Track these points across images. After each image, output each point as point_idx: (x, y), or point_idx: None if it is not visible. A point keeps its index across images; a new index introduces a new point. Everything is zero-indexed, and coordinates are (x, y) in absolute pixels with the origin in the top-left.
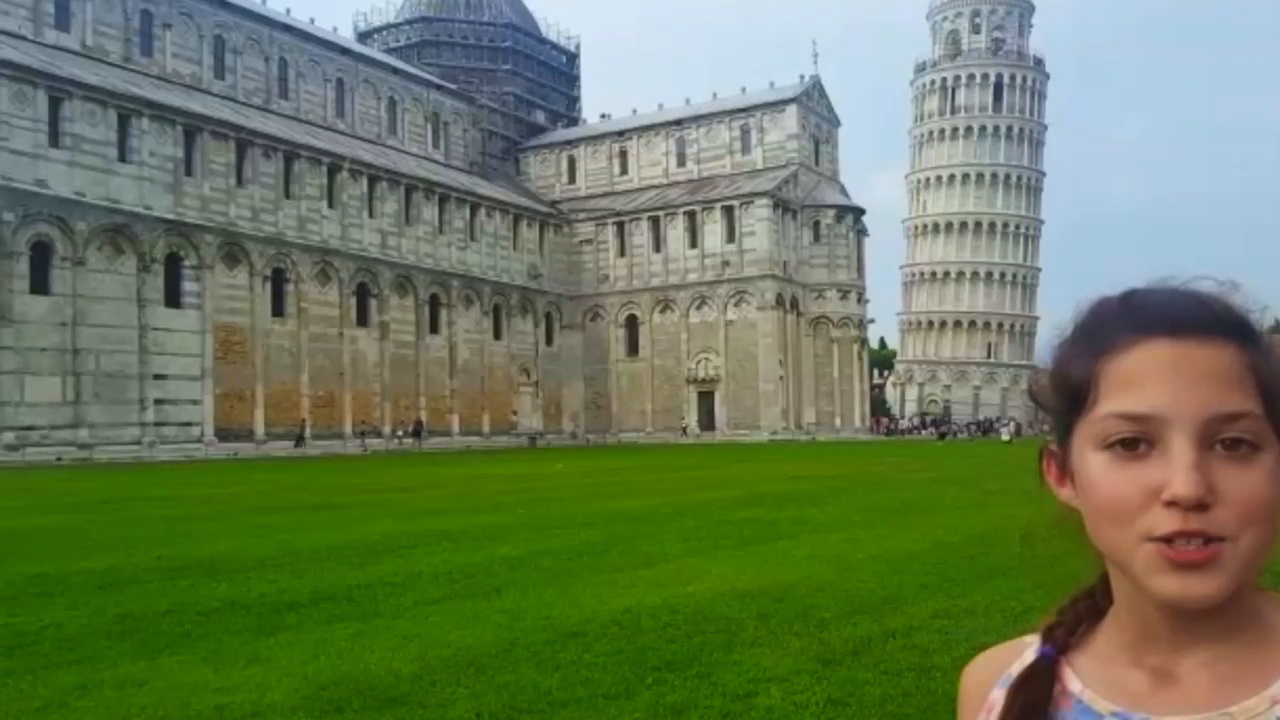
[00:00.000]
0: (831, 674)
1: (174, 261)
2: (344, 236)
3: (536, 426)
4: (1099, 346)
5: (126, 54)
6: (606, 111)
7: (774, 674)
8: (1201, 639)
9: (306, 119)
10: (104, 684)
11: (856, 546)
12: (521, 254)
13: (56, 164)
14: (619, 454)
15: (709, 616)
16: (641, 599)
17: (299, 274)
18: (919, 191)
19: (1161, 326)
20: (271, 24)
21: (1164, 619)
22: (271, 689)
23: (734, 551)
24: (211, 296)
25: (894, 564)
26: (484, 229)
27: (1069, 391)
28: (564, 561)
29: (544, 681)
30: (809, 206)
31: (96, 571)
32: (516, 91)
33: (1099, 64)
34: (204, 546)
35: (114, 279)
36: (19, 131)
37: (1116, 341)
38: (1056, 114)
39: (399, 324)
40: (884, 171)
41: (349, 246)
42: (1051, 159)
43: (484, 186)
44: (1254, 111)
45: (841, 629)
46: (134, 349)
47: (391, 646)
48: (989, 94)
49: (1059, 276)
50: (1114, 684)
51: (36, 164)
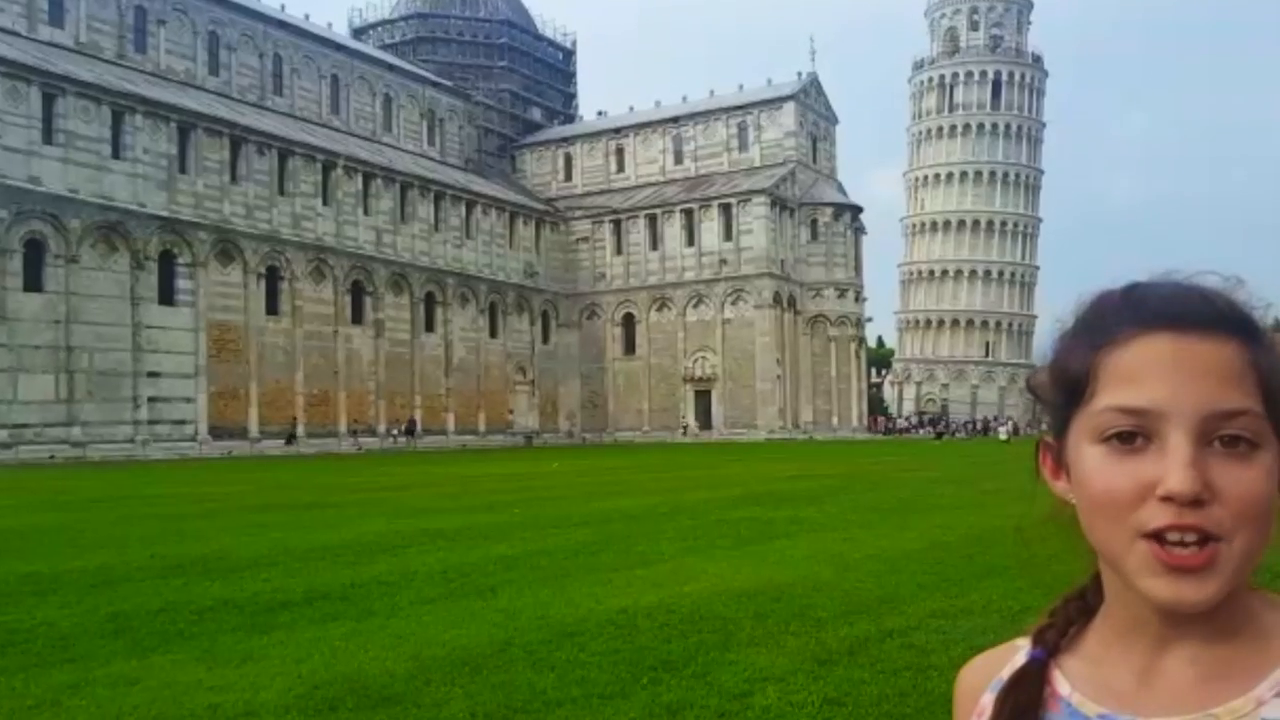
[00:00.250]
0: (828, 674)
1: (168, 259)
2: (339, 234)
3: (533, 425)
4: (1099, 339)
5: (120, 50)
6: (603, 109)
7: (770, 674)
8: (1191, 636)
9: (301, 116)
10: (96, 682)
11: (853, 546)
12: (518, 252)
13: (50, 161)
14: (615, 453)
15: (705, 616)
16: (637, 598)
17: (293, 271)
18: (917, 189)
19: (1164, 320)
20: (266, 20)
21: (1155, 616)
22: (265, 688)
23: (730, 551)
24: (205, 294)
25: (891, 563)
26: (480, 227)
27: (1067, 383)
28: (560, 561)
29: (539, 681)
30: (806, 204)
31: (89, 570)
32: (512, 88)
33: (1098, 61)
34: (197, 545)
35: (107, 276)
36: (12, 128)
37: (1117, 334)
38: (1055, 112)
39: (394, 322)
40: (882, 169)
41: (344, 244)
42: (1050, 157)
43: (480, 184)
44: (1255, 109)
45: (838, 628)
46: (127, 347)
47: (386, 646)
48: (987, 91)
49: (1057, 275)
50: (1102, 685)
51: (30, 161)
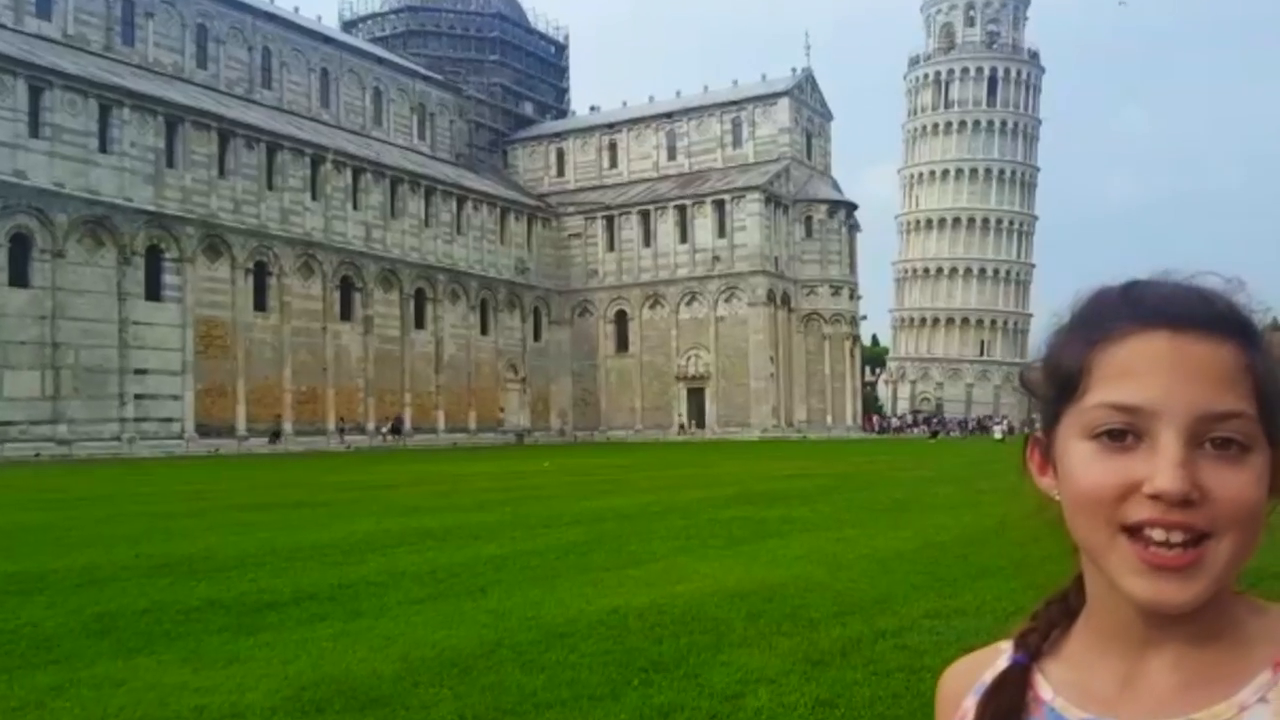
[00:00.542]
0: (821, 675)
1: (155, 254)
2: (327, 229)
3: (524, 423)
4: (1095, 335)
5: (108, 43)
6: (596, 104)
7: (762, 675)
8: (1173, 639)
9: (290, 109)
10: (81, 684)
11: (847, 546)
12: (509, 248)
13: (36, 154)
14: (607, 451)
15: (697, 617)
16: (629, 599)
17: (281, 267)
18: (912, 187)
19: (1162, 319)
20: (254, 12)
21: (1137, 618)
22: (251, 689)
23: (723, 551)
24: (192, 290)
25: (884, 563)
26: (471, 222)
27: (1060, 378)
28: (550, 560)
29: (529, 682)
30: (801, 201)
31: (74, 569)
32: (504, 83)
33: (1095, 57)
34: (184, 544)
35: (94, 272)
36: None
37: (1114, 331)
38: (1051, 108)
39: (383, 318)
40: (876, 166)
41: (332, 239)
42: (1046, 154)
43: (471, 179)
44: (1255, 106)
45: (831, 629)
46: (114, 343)
47: (374, 647)
48: (983, 88)
49: (1054, 274)
50: (1084, 690)
51: (15, 154)
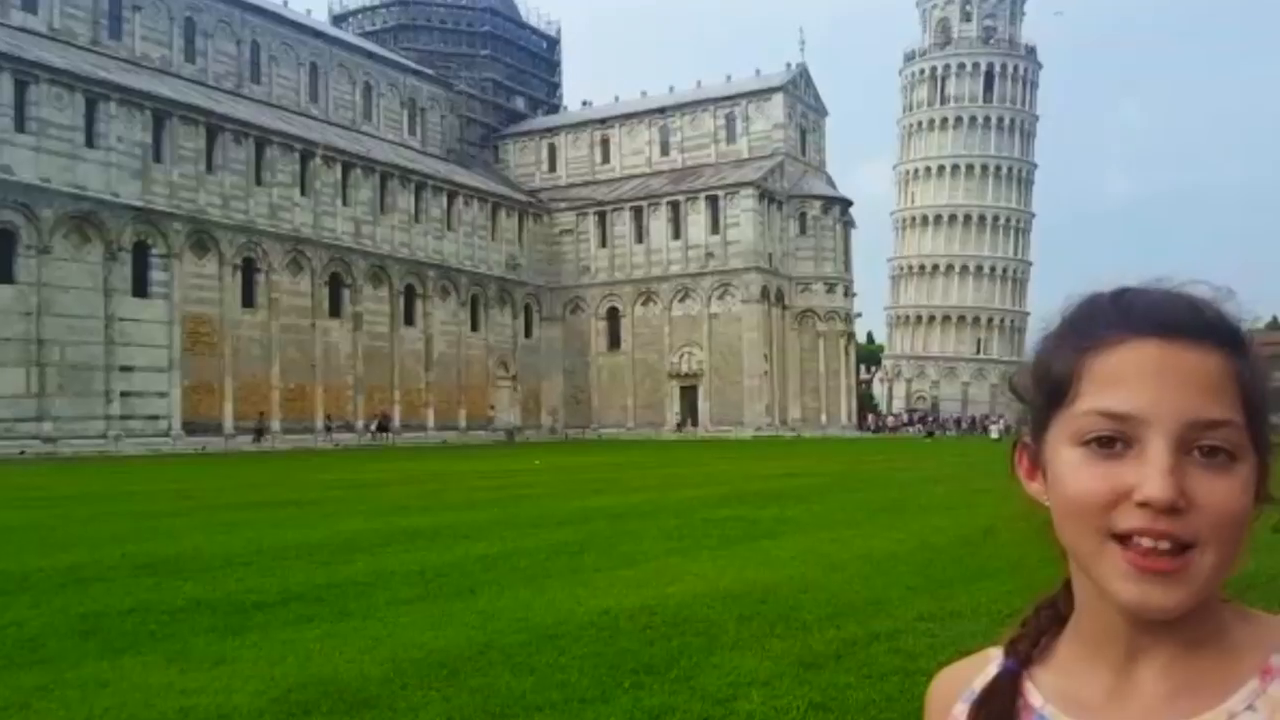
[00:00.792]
0: (814, 678)
1: (141, 250)
2: (316, 225)
3: (514, 421)
4: (1085, 342)
5: (95, 36)
6: (588, 99)
7: (755, 678)
8: (1162, 646)
9: (279, 104)
10: (66, 685)
11: (841, 547)
12: (500, 244)
13: (22, 149)
14: (599, 450)
15: (689, 618)
16: (620, 600)
17: (270, 263)
18: (907, 183)
19: (1151, 327)
20: (243, 6)
21: (1125, 622)
22: (237, 691)
23: (715, 551)
24: (180, 286)
25: (879, 565)
26: (461, 218)
27: (1050, 384)
28: (540, 561)
29: (518, 685)
30: (795, 197)
31: (59, 569)
32: (496, 77)
33: (1093, 53)
34: (170, 544)
35: (80, 268)
36: None
37: (1104, 338)
38: (1049, 104)
39: (373, 315)
40: (872, 163)
41: (322, 235)
42: (1044, 150)
43: (461, 174)
44: (1253, 101)
45: (825, 631)
46: (100, 340)
47: (361, 648)
48: (979, 83)
49: (1051, 271)
50: (1074, 697)
51: (1, 149)
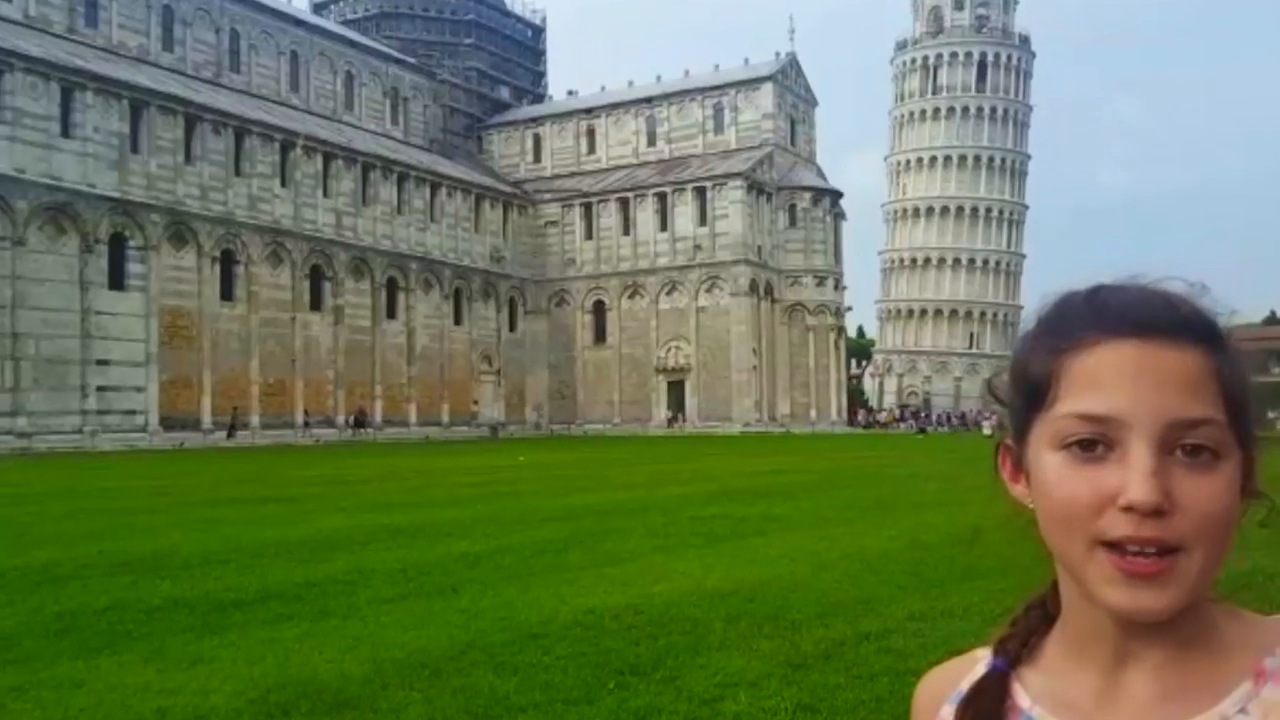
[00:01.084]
0: (802, 678)
1: (118, 242)
2: (297, 216)
3: (498, 416)
4: (1062, 343)
5: (71, 24)
6: (574, 88)
7: (742, 678)
8: (1151, 648)
9: (259, 94)
10: (42, 684)
11: (830, 545)
12: (484, 236)
13: None
14: (584, 445)
15: (675, 618)
16: (605, 599)
17: (249, 255)
18: (899, 174)
19: (1128, 326)
20: None
21: (1114, 627)
22: (215, 691)
23: (703, 549)
24: (157, 279)
25: (869, 563)
26: (444, 209)
27: (1028, 387)
28: (524, 559)
29: (501, 685)
30: (784, 189)
31: (34, 567)
32: (480, 66)
33: (1088, 43)
34: (147, 541)
35: (55, 260)
36: None
37: (1081, 339)
38: (1043, 95)
39: (354, 308)
40: (863, 153)
41: (302, 227)
42: (1038, 142)
43: (445, 165)
44: (1251, 93)
45: (813, 631)
46: (76, 333)
47: (342, 648)
48: (972, 73)
49: (1045, 264)
50: (1062, 698)
51: None
